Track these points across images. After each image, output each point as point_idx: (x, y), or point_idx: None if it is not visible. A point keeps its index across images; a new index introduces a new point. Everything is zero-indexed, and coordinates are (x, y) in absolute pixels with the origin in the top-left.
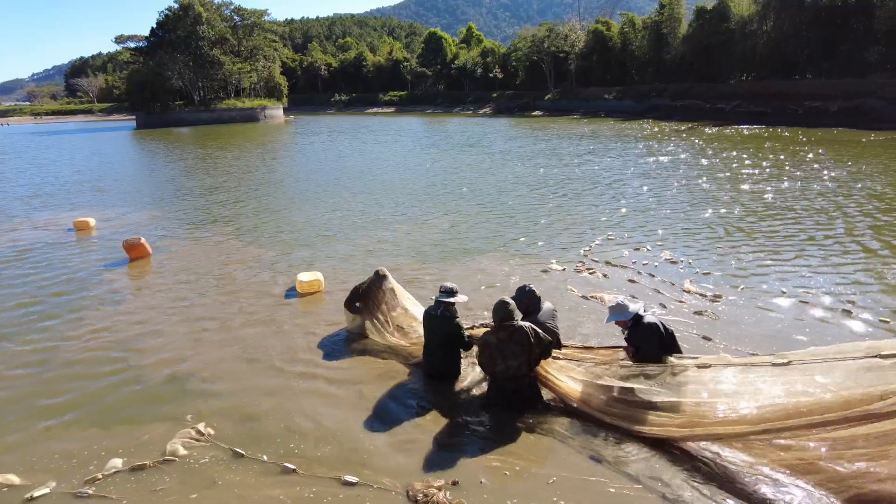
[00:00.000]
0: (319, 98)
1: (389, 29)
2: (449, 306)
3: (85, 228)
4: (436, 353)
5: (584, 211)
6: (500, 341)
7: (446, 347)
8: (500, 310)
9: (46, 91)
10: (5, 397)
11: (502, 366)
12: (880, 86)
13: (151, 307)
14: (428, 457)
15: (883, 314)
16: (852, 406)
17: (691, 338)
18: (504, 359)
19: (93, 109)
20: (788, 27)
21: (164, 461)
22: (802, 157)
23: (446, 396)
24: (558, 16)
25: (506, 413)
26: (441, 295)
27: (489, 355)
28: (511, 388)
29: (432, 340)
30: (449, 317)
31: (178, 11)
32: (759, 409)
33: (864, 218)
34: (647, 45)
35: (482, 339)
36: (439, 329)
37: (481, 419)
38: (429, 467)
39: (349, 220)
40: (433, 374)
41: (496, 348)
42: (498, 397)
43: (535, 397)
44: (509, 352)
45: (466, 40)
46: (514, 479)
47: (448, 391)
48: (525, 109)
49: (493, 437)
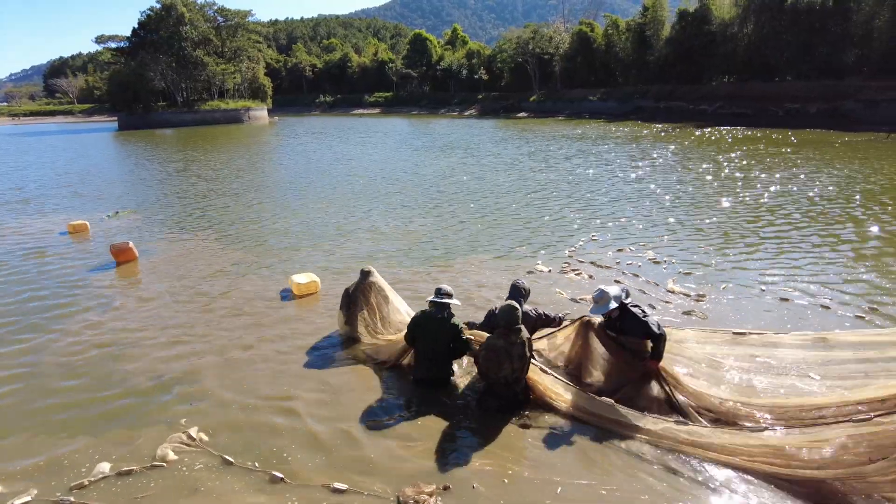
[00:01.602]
0: (304, 99)
1: (374, 30)
2: (449, 308)
3: (79, 231)
4: (436, 357)
5: (568, 212)
6: (509, 345)
7: (447, 351)
8: (508, 314)
9: (24, 91)
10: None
11: (508, 369)
12: (858, 88)
13: (140, 311)
14: (419, 462)
15: (859, 311)
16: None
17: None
18: (511, 362)
19: (73, 110)
20: (768, 30)
21: (153, 467)
22: (782, 158)
23: (436, 402)
24: (543, 18)
25: (496, 417)
26: (440, 297)
27: (496, 359)
28: (509, 392)
29: (432, 345)
30: (451, 318)
31: (161, 12)
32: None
33: (841, 217)
34: (630, 46)
35: (488, 343)
36: (442, 332)
37: (472, 424)
38: (420, 473)
39: (336, 224)
40: (427, 381)
41: (504, 352)
42: (493, 403)
43: (528, 398)
44: (515, 356)
45: (452, 42)
46: (507, 484)
47: (437, 397)
48: (510, 111)
49: (485, 442)
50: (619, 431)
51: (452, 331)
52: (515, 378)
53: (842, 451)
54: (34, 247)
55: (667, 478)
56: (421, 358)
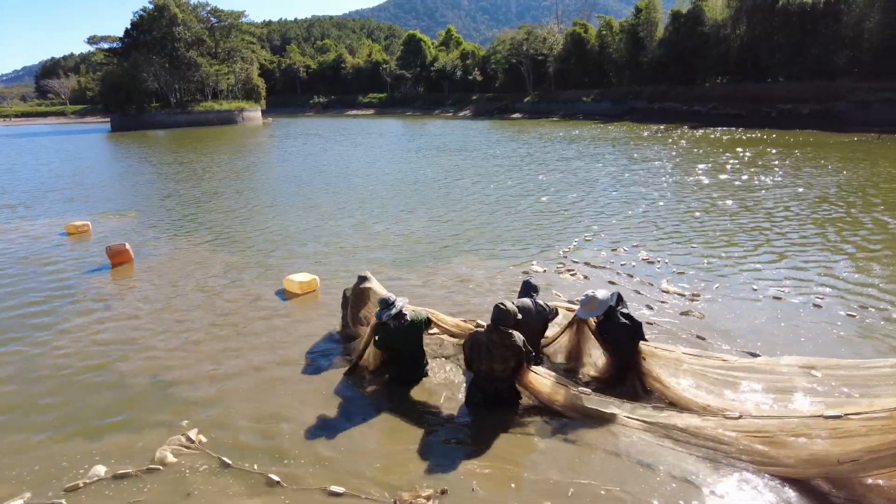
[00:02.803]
0: (298, 100)
1: (368, 31)
2: (404, 315)
3: (77, 233)
4: (410, 359)
5: (562, 213)
6: (490, 342)
7: (419, 350)
8: (496, 313)
9: (16, 92)
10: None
11: (486, 367)
12: (850, 89)
13: (136, 313)
14: (416, 465)
15: (850, 309)
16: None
17: (689, 339)
18: (490, 361)
19: (65, 111)
20: (760, 31)
21: (148, 470)
22: (774, 158)
23: (431, 404)
24: (537, 19)
25: (490, 417)
26: (389, 309)
27: (477, 354)
28: (491, 389)
29: (407, 350)
30: (414, 319)
31: (153, 12)
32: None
33: (832, 217)
34: (624, 47)
35: (473, 337)
36: (413, 335)
37: (467, 424)
38: (417, 476)
39: (332, 226)
40: (409, 383)
41: (486, 349)
42: (478, 396)
43: (514, 398)
44: (498, 355)
45: (446, 43)
46: (506, 485)
47: (432, 399)
48: (504, 112)
49: (482, 443)
50: (601, 421)
51: (421, 327)
52: (498, 377)
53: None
54: (33, 247)
55: (670, 476)
56: (402, 363)
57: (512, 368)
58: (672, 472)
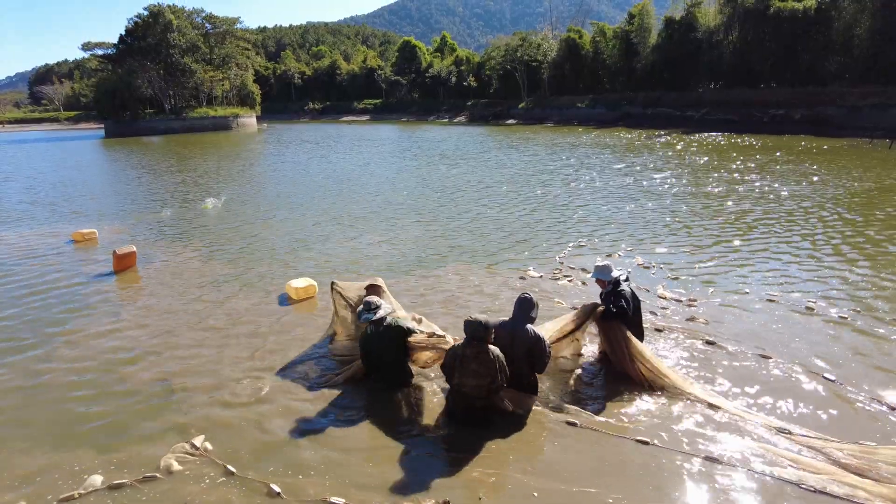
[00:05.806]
0: (293, 106)
1: (363, 37)
2: (384, 319)
3: (84, 240)
4: (388, 365)
5: (556, 218)
6: (464, 356)
7: (396, 359)
8: (469, 327)
9: (9, 98)
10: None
11: (457, 380)
12: (840, 95)
13: (141, 319)
14: (419, 476)
15: (843, 312)
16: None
17: (697, 345)
18: (461, 375)
19: (59, 118)
20: (752, 37)
21: (145, 479)
22: (767, 163)
23: (433, 414)
24: (531, 25)
25: (495, 426)
26: (371, 313)
27: (450, 365)
28: (462, 405)
29: (385, 357)
30: (392, 324)
31: (148, 19)
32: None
33: (823, 221)
34: (617, 54)
35: (452, 349)
36: (394, 339)
37: (468, 434)
38: (419, 486)
39: (332, 233)
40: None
41: (459, 361)
42: (458, 404)
43: (487, 418)
44: (470, 370)
45: (440, 49)
46: (510, 494)
47: (434, 409)
48: (499, 118)
49: (484, 452)
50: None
51: (403, 332)
52: (468, 393)
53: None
54: (39, 254)
55: (672, 481)
56: (378, 370)
57: (486, 387)
58: (703, 483)
